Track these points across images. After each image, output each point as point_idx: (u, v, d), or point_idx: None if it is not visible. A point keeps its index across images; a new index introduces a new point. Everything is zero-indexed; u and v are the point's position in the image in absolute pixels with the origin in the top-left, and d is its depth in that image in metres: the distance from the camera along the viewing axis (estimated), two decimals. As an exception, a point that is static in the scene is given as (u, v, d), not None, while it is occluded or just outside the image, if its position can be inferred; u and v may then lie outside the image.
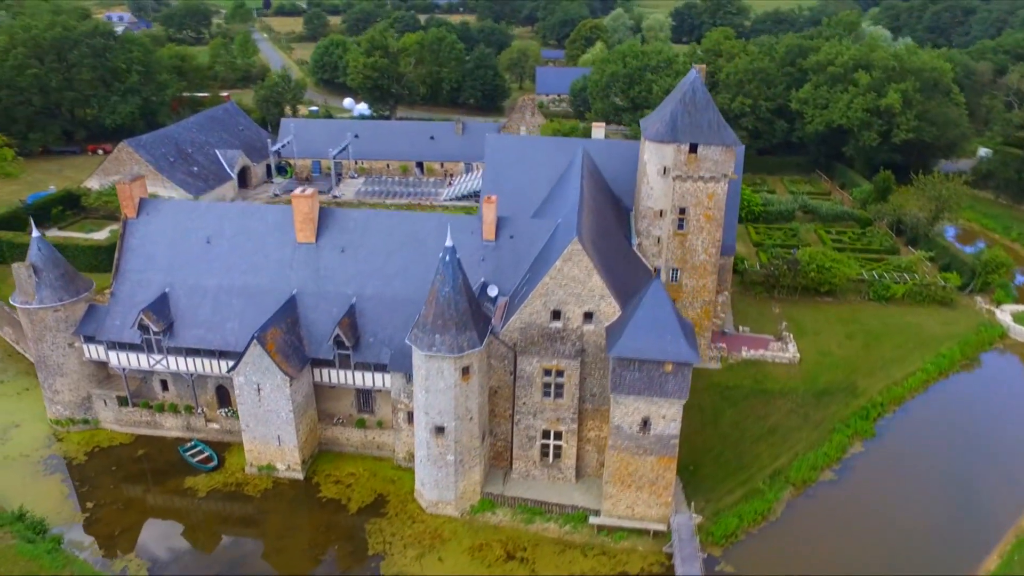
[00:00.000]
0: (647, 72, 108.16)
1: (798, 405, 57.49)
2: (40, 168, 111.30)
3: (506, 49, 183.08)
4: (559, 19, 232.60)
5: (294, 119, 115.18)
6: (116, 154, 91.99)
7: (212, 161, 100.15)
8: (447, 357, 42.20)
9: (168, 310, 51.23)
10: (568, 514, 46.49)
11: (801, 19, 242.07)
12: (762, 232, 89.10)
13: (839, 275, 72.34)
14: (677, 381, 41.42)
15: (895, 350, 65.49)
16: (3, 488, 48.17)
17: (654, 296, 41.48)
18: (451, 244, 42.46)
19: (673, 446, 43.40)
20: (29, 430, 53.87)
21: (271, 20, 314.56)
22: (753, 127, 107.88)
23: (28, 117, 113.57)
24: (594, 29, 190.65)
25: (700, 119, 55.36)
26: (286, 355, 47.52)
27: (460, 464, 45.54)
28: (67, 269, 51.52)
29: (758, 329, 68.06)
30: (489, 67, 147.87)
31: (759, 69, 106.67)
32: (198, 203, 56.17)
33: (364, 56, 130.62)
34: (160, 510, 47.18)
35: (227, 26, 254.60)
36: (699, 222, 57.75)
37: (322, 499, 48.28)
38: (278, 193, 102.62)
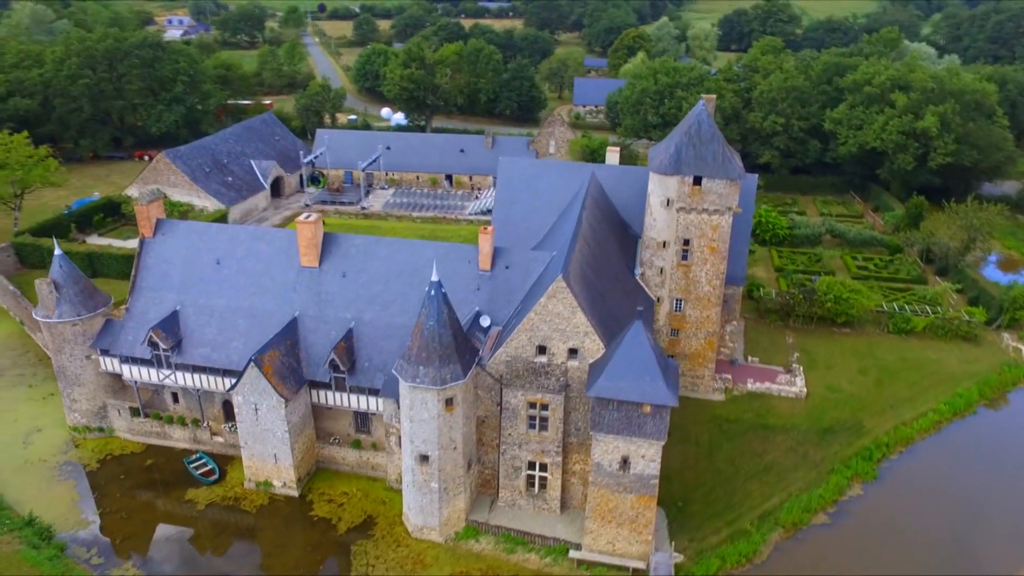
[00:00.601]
0: (678, 89, 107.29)
1: (798, 443, 56.62)
2: (90, 173, 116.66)
3: (547, 58, 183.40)
4: (604, 26, 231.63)
5: (328, 130, 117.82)
6: (154, 164, 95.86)
7: (247, 171, 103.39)
8: (430, 389, 43.13)
9: (178, 328, 53.50)
10: (550, 546, 46.92)
11: (855, 28, 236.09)
12: (785, 256, 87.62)
13: (857, 306, 70.75)
14: (655, 423, 41.48)
15: (909, 388, 63.82)
16: (19, 492, 51.07)
17: (634, 337, 41.61)
18: (437, 279, 43.35)
19: (653, 486, 43.43)
20: (49, 435, 56.87)
21: (324, 24, 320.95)
22: (785, 146, 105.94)
23: (80, 124, 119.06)
24: (637, 39, 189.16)
25: (705, 152, 55.08)
26: (283, 377, 49.14)
27: (444, 492, 46.43)
28: (86, 285, 54.25)
29: (768, 360, 67.16)
30: (526, 78, 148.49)
31: (793, 87, 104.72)
32: (210, 224, 58.27)
33: (401, 67, 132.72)
34: (160, 521, 49.31)
35: (280, 30, 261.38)
36: (703, 253, 57.44)
37: (314, 517, 49.78)
38: (309, 204, 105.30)
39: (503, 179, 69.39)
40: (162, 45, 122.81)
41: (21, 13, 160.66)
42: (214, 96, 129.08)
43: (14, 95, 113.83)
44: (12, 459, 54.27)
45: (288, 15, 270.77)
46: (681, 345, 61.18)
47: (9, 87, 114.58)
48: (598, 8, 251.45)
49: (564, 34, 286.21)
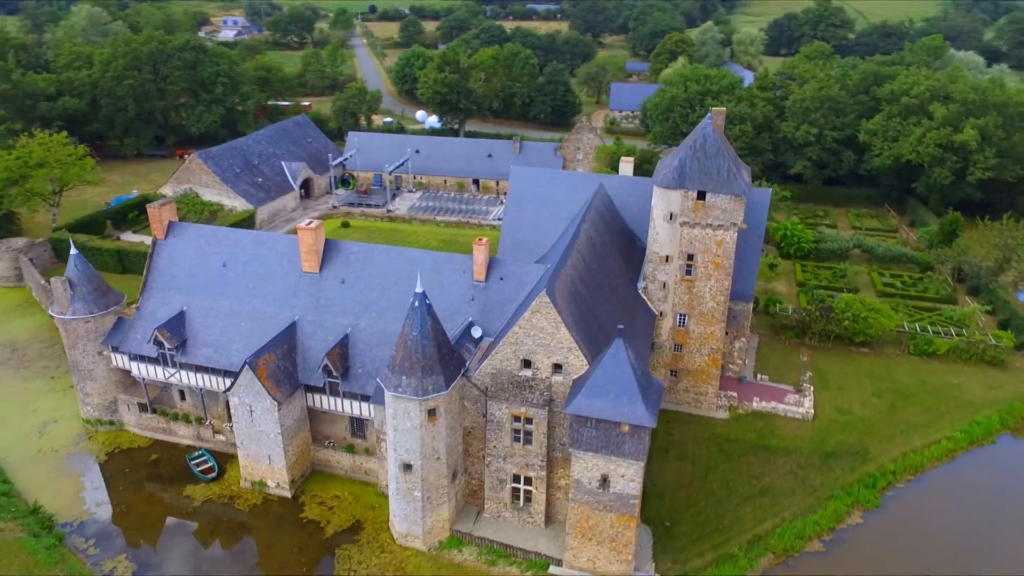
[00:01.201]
0: (708, 97, 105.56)
1: (799, 466, 55.18)
2: (132, 171, 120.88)
3: (585, 62, 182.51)
4: (649, 30, 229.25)
5: (359, 132, 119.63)
6: (187, 164, 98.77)
7: (277, 172, 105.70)
8: (412, 399, 43.48)
9: (183, 328, 55.09)
10: (531, 560, 46.81)
11: (912, 32, 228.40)
12: (809, 271, 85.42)
13: (876, 326, 68.53)
14: (634, 443, 41.00)
15: (924, 413, 61.59)
16: (29, 480, 53.33)
17: (614, 355, 41.19)
18: (422, 290, 43.67)
19: (633, 505, 42.92)
20: (64, 427, 59.18)
21: (374, 25, 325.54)
22: (818, 157, 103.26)
23: (125, 123, 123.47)
24: (679, 43, 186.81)
25: (709, 166, 54.15)
26: (277, 380, 50.15)
27: (428, 501, 46.73)
28: (100, 284, 56.28)
29: (778, 378, 65.63)
30: (561, 82, 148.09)
31: (828, 96, 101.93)
32: (217, 228, 59.81)
33: (436, 71, 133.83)
34: (157, 516, 50.85)
35: (329, 32, 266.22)
36: (707, 269, 56.48)
37: (303, 519, 50.66)
38: (336, 205, 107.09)
39: (514, 187, 69.54)
40: (204, 47, 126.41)
41: (79, 15, 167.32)
42: (252, 97, 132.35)
43: (64, 95, 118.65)
44: (27, 448, 56.66)
45: (337, 16, 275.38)
46: (684, 361, 60.27)
47: (59, 87, 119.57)
48: (644, 11, 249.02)
49: (610, 37, 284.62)
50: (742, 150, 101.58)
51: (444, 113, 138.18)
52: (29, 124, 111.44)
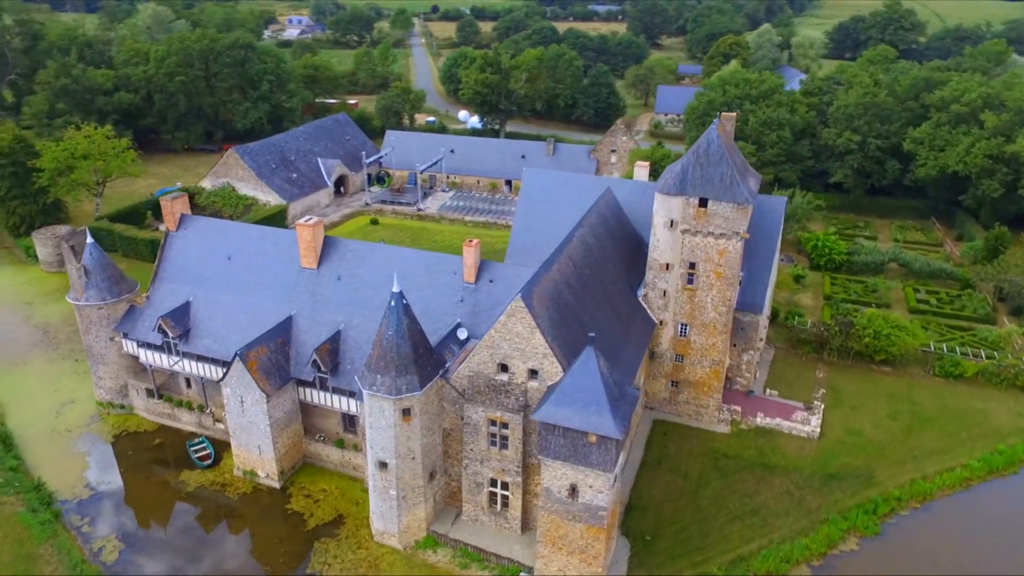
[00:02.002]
0: (746, 101, 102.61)
1: (796, 487, 53.08)
2: (180, 164, 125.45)
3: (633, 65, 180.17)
4: (706, 32, 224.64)
5: (396, 131, 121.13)
6: (225, 159, 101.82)
7: (312, 169, 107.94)
8: (387, 398, 43.69)
9: (187, 318, 56.80)
10: (504, 566, 46.45)
11: (988, 35, 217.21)
12: (839, 284, 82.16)
13: (899, 344, 65.34)
14: (601, 453, 40.16)
15: (942, 438, 58.43)
16: (39, 457, 55.88)
17: (584, 364, 40.42)
18: (398, 290, 43.83)
19: (602, 517, 42.06)
20: (79, 408, 61.78)
21: (435, 25, 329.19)
22: (860, 165, 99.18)
23: (176, 118, 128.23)
24: (734, 45, 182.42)
25: (712, 173, 52.69)
26: (267, 373, 51.15)
27: (403, 500, 46.89)
28: (114, 272, 58.54)
29: (789, 394, 63.34)
30: (604, 84, 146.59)
31: (872, 103, 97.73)
32: (226, 222, 61.52)
33: (477, 72, 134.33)
34: (151, 498, 52.55)
35: (389, 32, 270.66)
36: (709, 279, 54.98)
37: (288, 511, 51.54)
38: (369, 203, 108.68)
39: (525, 189, 69.37)
40: (252, 46, 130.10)
41: (144, 13, 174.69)
42: (298, 95, 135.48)
43: (120, 90, 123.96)
44: (43, 426, 59.39)
45: (396, 16, 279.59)
46: (685, 371, 58.80)
47: (116, 82, 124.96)
48: (703, 13, 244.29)
49: (668, 39, 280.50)
50: (778, 157, 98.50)
51: (485, 113, 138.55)
52: (87, 117, 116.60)
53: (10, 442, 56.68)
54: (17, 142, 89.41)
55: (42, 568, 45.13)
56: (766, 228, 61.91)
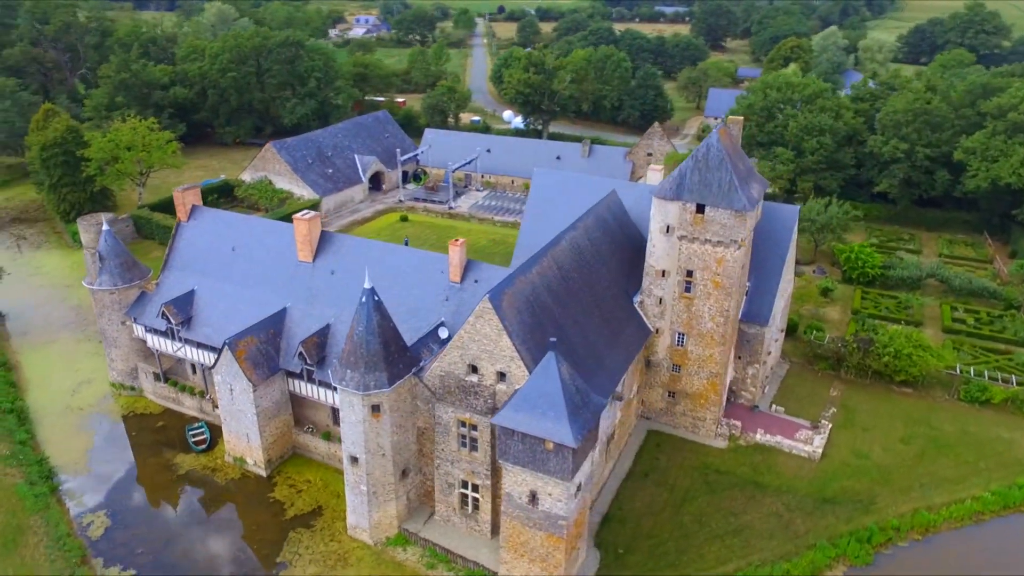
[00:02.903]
0: (787, 106, 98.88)
1: (787, 508, 50.74)
2: (228, 157, 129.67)
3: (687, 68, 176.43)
4: (771, 35, 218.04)
5: (435, 130, 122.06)
6: (263, 153, 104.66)
7: (348, 165, 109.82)
8: (355, 393, 43.89)
9: (191, 306, 58.52)
10: (470, 569, 46.03)
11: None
12: (871, 299, 78.28)
13: (920, 364, 61.73)
14: (559, 461, 39.26)
15: (956, 467, 54.89)
16: (50, 433, 58.56)
17: (544, 369, 39.58)
18: (370, 287, 43.95)
19: (561, 527, 41.15)
20: (95, 388, 64.47)
21: (499, 25, 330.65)
22: (906, 175, 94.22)
23: (228, 112, 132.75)
24: (795, 49, 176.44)
25: (710, 178, 50.96)
26: (255, 363, 52.15)
27: (374, 496, 47.03)
28: (127, 259, 60.83)
29: (796, 411, 60.69)
30: (652, 86, 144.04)
31: (923, 110, 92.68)
32: (233, 214, 63.03)
33: (521, 71, 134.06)
34: (145, 479, 54.30)
35: (451, 31, 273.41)
36: (706, 287, 53.20)
37: (271, 499, 52.43)
38: (402, 199, 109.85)
39: (535, 190, 68.75)
40: (302, 44, 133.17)
41: (209, 11, 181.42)
42: (344, 92, 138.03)
43: (176, 84, 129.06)
44: (58, 404, 62.23)
45: (459, 16, 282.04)
46: (682, 382, 57.05)
47: (173, 77, 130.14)
48: (769, 15, 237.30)
49: (734, 41, 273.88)
50: (818, 164, 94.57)
51: (528, 114, 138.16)
52: (144, 111, 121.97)
53: (25, 416, 59.61)
54: (69, 132, 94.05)
55: (28, 539, 47.24)
56: (776, 237, 59.50)
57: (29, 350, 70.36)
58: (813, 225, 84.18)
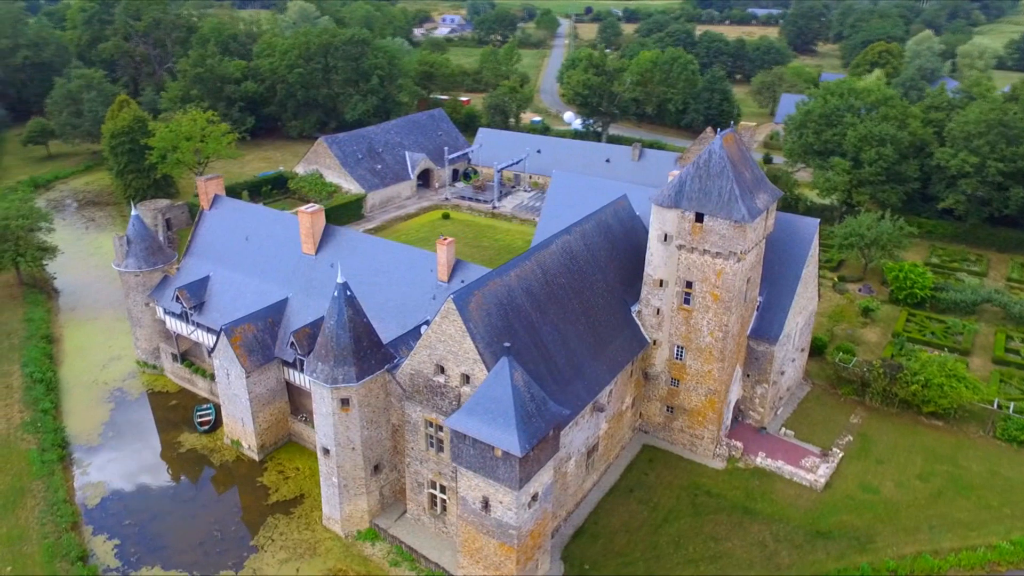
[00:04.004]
0: (848, 113, 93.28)
1: (775, 539, 47.86)
2: (291, 150, 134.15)
3: (762, 71, 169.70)
4: (863, 39, 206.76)
5: (488, 129, 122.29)
6: (315, 147, 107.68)
7: (398, 161, 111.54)
8: (324, 386, 44.40)
9: (204, 291, 60.78)
10: (431, 571, 45.76)
11: None
12: (917, 322, 72.98)
13: (952, 396, 57.02)
14: (507, 469, 38.40)
15: (977, 510, 50.37)
16: (73, 404, 62.17)
17: (498, 375, 38.75)
18: (343, 281, 44.31)
19: (512, 536, 40.25)
20: (122, 364, 68.00)
21: (584, 27, 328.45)
22: (976, 191, 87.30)
23: (294, 107, 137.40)
24: (884, 53, 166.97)
25: (711, 187, 48.75)
26: (249, 350, 53.60)
27: (345, 489, 47.46)
28: (152, 243, 63.82)
29: (808, 437, 57.27)
30: (719, 90, 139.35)
31: (999, 121, 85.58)
32: (249, 204, 65.15)
33: (581, 72, 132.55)
34: (148, 453, 56.78)
35: (532, 32, 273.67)
36: (705, 300, 50.94)
37: (258, 483, 53.80)
38: (449, 197, 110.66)
39: (552, 192, 68.22)
40: (367, 41, 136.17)
41: (292, 9, 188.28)
42: (406, 89, 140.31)
43: (248, 79, 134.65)
44: (87, 376, 66.00)
45: (541, 17, 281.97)
46: (680, 397, 54.85)
47: (246, 72, 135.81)
48: (862, 18, 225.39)
49: (826, 45, 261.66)
50: (876, 176, 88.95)
51: (587, 115, 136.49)
52: (216, 103, 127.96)
53: (53, 386, 63.47)
54: (135, 122, 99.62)
55: (27, 502, 50.24)
56: (793, 251, 56.29)
57: (74, 325, 74.95)
58: (861, 240, 79.26)
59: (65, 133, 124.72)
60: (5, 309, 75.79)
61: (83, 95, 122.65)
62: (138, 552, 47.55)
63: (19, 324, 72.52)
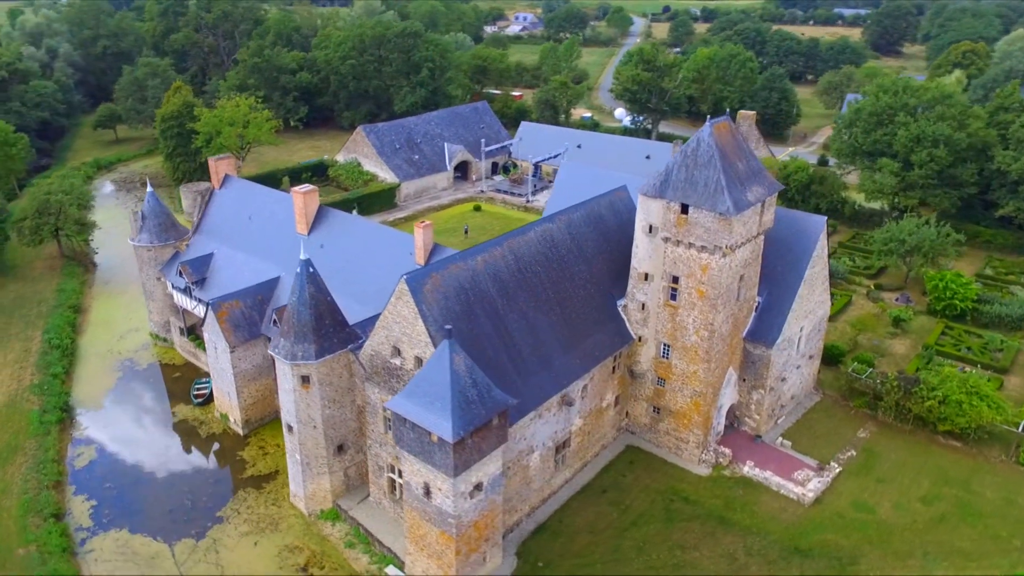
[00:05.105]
0: (901, 112, 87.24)
1: (746, 552, 44.95)
2: (341, 140, 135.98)
3: (830, 71, 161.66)
4: (950, 39, 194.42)
5: (530, 124, 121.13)
6: (354, 136, 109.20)
7: (436, 152, 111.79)
8: (285, 361, 44.50)
9: (207, 268, 62.24)
10: (383, 555, 45.22)
11: None
12: (953, 335, 67.55)
13: (971, 415, 52.34)
14: (442, 455, 37.42)
15: (981, 540, 45.95)
16: (85, 370, 64.92)
17: (438, 359, 37.77)
18: (306, 258, 44.32)
19: (451, 524, 39.24)
20: (137, 336, 70.53)
21: (660, 26, 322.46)
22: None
23: (347, 98, 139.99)
24: (968, 54, 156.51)
25: (697, 176, 46.37)
26: (235, 325, 54.44)
27: (307, 467, 47.48)
28: (165, 220, 65.80)
29: (807, 448, 53.72)
30: (778, 89, 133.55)
31: (1068, 123, 78.42)
32: (254, 185, 66.10)
33: (632, 68, 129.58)
34: (142, 422, 58.56)
35: (600, 30, 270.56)
36: (691, 296, 48.50)
37: (237, 456, 54.61)
38: (484, 190, 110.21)
39: (559, 182, 67.14)
40: (419, 34, 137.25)
41: (358, 5, 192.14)
42: (455, 82, 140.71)
43: (303, 70, 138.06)
44: (103, 346, 68.78)
45: (612, 16, 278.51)
46: (666, 398, 52.42)
47: (302, 63, 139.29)
48: (952, 17, 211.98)
49: (913, 47, 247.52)
50: (927, 179, 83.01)
51: (636, 112, 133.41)
52: (271, 93, 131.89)
53: (69, 353, 66.39)
54: (184, 107, 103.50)
55: (16, 458, 52.57)
56: (796, 250, 52.90)
57: (104, 297, 78.35)
58: (902, 247, 74.08)
59: (130, 118, 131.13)
60: (43, 279, 79.94)
61: (148, 82, 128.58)
62: (111, 514, 48.99)
63: (51, 294, 76.30)
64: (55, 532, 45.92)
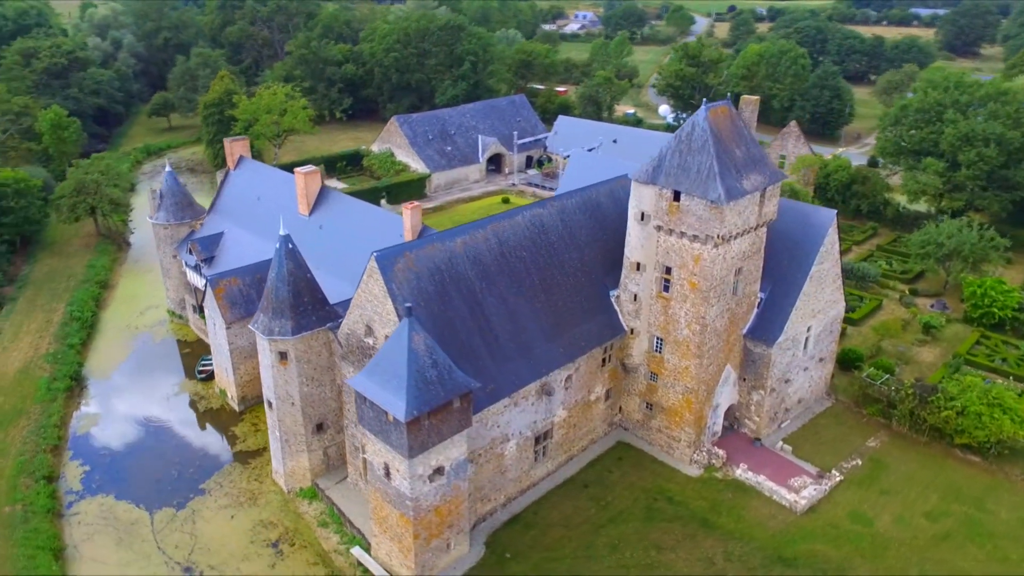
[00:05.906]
0: (949, 109, 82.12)
1: (726, 558, 42.76)
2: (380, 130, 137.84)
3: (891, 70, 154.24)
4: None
5: (567, 118, 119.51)
6: (388, 126, 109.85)
7: (469, 144, 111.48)
8: (263, 337, 44.64)
9: (216, 247, 63.29)
10: (352, 536, 44.89)
11: None
12: (989, 345, 63.13)
13: (991, 428, 48.64)
14: (398, 435, 36.77)
15: (985, 562, 42.60)
16: (102, 343, 67.03)
17: (397, 338, 37.08)
18: (285, 233, 44.36)
19: (408, 507, 38.57)
20: (155, 312, 72.37)
21: (723, 25, 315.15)
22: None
23: (390, 90, 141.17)
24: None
25: (690, 162, 44.47)
26: (232, 302, 55.03)
27: (286, 444, 47.58)
28: (183, 199, 67.28)
29: (809, 455, 50.95)
30: (829, 87, 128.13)
31: None
32: (263, 166, 66.89)
33: (676, 63, 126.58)
34: (144, 394, 59.83)
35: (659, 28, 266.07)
36: (683, 288, 46.60)
37: (230, 433, 55.26)
38: (516, 183, 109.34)
39: (569, 171, 65.76)
40: (462, 27, 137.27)
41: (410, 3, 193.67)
42: (497, 76, 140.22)
43: (348, 62, 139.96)
44: (124, 321, 70.88)
45: (671, 14, 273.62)
46: (659, 394, 50.51)
47: (348, 55, 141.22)
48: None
49: (991, 48, 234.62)
50: (974, 180, 78.03)
51: (680, 108, 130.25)
52: (317, 84, 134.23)
53: (89, 325, 68.54)
54: (225, 95, 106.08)
55: (19, 422, 54.39)
56: (803, 244, 50.14)
57: (132, 275, 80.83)
58: (939, 251, 69.78)
59: (182, 106, 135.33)
60: (76, 255, 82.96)
61: (199, 72, 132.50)
62: (101, 480, 50.20)
63: (82, 269, 79.07)
64: (44, 493, 47.28)
